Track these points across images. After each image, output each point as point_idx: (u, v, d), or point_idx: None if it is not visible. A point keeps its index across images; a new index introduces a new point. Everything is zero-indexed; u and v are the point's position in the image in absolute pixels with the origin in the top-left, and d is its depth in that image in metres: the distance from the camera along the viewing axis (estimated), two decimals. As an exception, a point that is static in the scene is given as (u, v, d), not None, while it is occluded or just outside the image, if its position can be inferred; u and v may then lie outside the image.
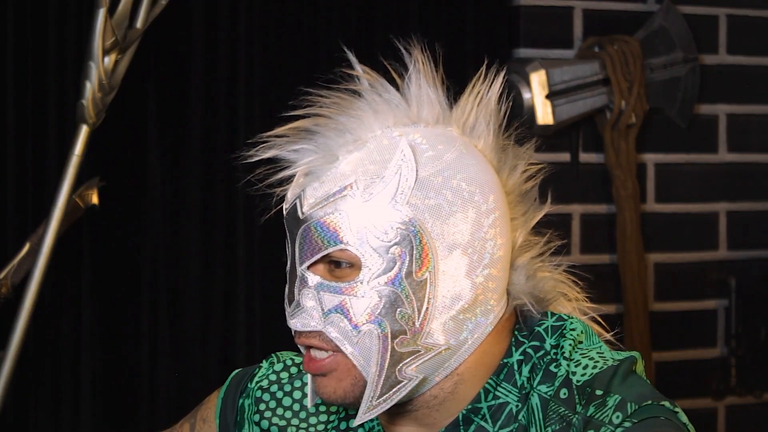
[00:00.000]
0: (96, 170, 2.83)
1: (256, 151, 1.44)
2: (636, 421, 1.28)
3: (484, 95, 1.40)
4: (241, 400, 1.53)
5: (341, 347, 1.33)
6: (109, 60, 2.54)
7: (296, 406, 1.51)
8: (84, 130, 2.60)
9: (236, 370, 1.57)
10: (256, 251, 3.23)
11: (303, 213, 1.37)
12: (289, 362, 1.54)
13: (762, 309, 3.70)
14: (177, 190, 3.17)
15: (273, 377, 1.53)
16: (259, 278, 3.23)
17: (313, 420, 1.50)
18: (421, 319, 1.33)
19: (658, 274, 3.63)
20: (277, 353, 1.56)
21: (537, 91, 3.36)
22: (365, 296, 1.33)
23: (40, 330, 2.96)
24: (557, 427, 1.33)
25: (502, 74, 1.42)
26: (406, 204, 1.33)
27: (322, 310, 1.34)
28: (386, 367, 1.33)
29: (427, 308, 1.33)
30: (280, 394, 1.51)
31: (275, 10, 3.24)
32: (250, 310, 3.22)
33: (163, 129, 3.15)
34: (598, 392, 1.32)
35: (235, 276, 3.21)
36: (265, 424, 1.50)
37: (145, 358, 3.13)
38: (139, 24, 2.60)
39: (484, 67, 1.42)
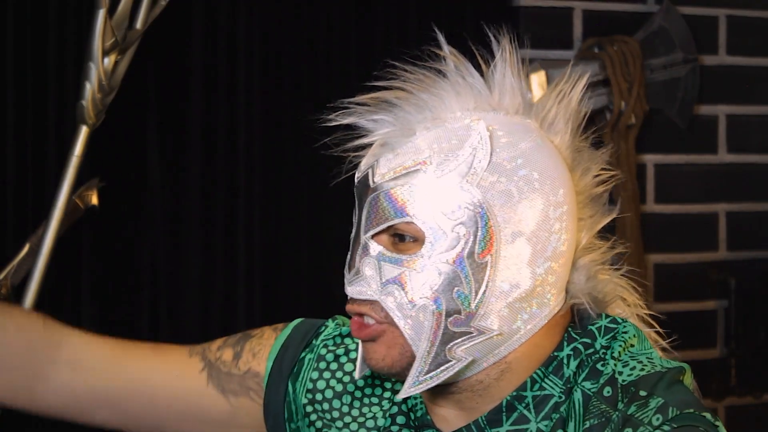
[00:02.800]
0: (96, 171, 2.83)
1: (336, 116, 1.40)
2: (675, 426, 1.28)
3: (567, 94, 1.41)
4: (303, 353, 1.53)
5: (395, 318, 1.34)
6: (108, 61, 2.54)
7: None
8: (84, 131, 2.60)
9: (299, 319, 1.57)
10: (256, 251, 3.23)
11: (374, 182, 1.37)
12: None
13: (762, 309, 3.70)
14: (177, 190, 3.17)
15: (339, 340, 1.53)
16: (259, 278, 3.23)
17: (368, 391, 1.50)
18: (477, 301, 1.34)
19: (658, 275, 3.63)
20: (340, 316, 1.56)
21: (537, 91, 3.36)
22: (424, 271, 1.34)
23: (40, 330, 2.95)
24: (596, 422, 1.33)
25: (586, 76, 1.43)
26: (476, 185, 1.34)
27: (381, 279, 1.35)
28: (437, 344, 1.34)
29: (484, 291, 1.34)
30: (344, 359, 1.51)
31: (275, 10, 3.24)
32: (250, 310, 3.22)
33: (163, 129, 3.15)
34: (642, 393, 1.32)
35: (235, 276, 3.21)
36: (321, 384, 1.51)
37: (145, 358, 3.13)
38: (138, 25, 2.60)
39: (569, 66, 1.44)
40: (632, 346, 1.39)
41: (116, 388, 1.54)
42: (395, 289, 1.34)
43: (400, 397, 1.37)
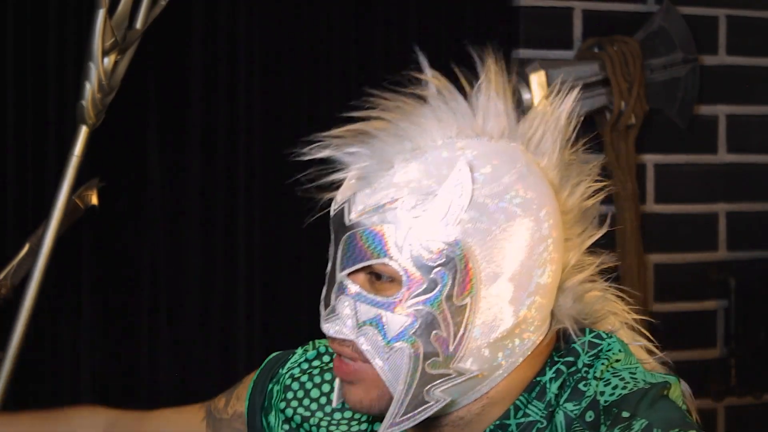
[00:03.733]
0: (96, 171, 2.83)
1: (310, 150, 1.36)
2: (665, 421, 1.25)
3: (555, 110, 1.36)
4: (270, 385, 1.53)
5: (371, 360, 1.31)
6: (108, 61, 2.54)
7: (323, 400, 1.50)
8: (84, 131, 2.60)
9: (274, 353, 1.57)
10: (256, 251, 3.23)
11: (350, 219, 1.32)
12: (323, 350, 1.53)
13: (762, 309, 3.70)
14: (177, 190, 3.17)
15: (305, 366, 1.52)
16: (259, 278, 3.23)
17: (337, 416, 1.49)
18: (456, 343, 1.30)
19: (658, 275, 3.63)
20: (315, 340, 1.55)
21: (537, 92, 3.36)
22: (402, 314, 1.30)
23: (40, 330, 2.96)
24: (582, 424, 1.30)
25: (575, 91, 1.38)
26: (456, 225, 1.29)
27: (357, 320, 1.31)
28: (414, 386, 1.30)
29: (463, 334, 1.30)
30: (309, 385, 1.50)
31: (275, 10, 3.24)
32: (250, 310, 3.22)
33: (163, 129, 3.15)
34: (625, 414, 1.28)
35: (235, 276, 3.21)
36: (289, 412, 1.50)
37: (145, 358, 3.13)
38: (138, 24, 2.60)
39: (558, 82, 1.38)
40: (617, 361, 1.35)
41: None
42: (371, 330, 1.30)
43: None
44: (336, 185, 1.37)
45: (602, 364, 1.33)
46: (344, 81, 3.26)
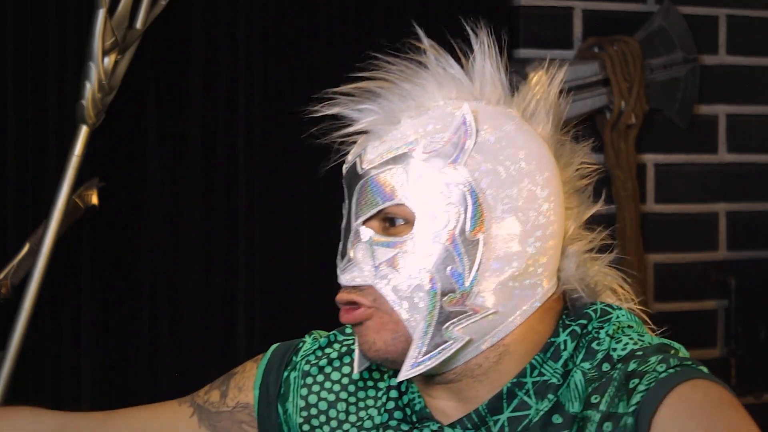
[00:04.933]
0: (96, 170, 2.83)
1: (321, 107, 1.44)
2: (680, 369, 1.31)
3: (545, 86, 1.44)
4: (286, 373, 1.53)
5: (390, 303, 1.35)
6: (108, 60, 2.54)
7: (345, 380, 1.51)
8: (84, 131, 2.60)
9: (276, 344, 1.58)
10: (256, 251, 3.23)
11: (362, 169, 1.39)
12: (332, 338, 1.55)
13: (762, 309, 3.70)
14: (177, 190, 3.17)
15: (319, 353, 1.54)
16: (259, 278, 3.23)
17: (362, 394, 1.50)
18: (471, 279, 1.35)
19: (658, 275, 3.63)
20: (317, 331, 1.57)
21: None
22: (417, 252, 1.35)
23: (40, 330, 2.96)
24: (597, 385, 1.35)
25: (563, 69, 1.46)
26: (464, 165, 1.36)
27: (374, 264, 1.36)
28: (433, 324, 1.35)
29: (477, 269, 1.35)
30: (328, 369, 1.52)
31: (275, 9, 3.24)
32: (250, 310, 3.22)
33: (163, 129, 3.15)
34: (639, 353, 1.35)
35: (235, 276, 3.21)
36: (313, 398, 1.51)
37: (145, 358, 3.13)
38: (138, 24, 2.60)
39: (547, 60, 1.47)
40: (629, 327, 1.41)
41: None
42: (389, 271, 1.36)
43: (399, 378, 1.37)
44: (345, 141, 1.43)
45: (613, 326, 1.39)
46: (344, 81, 3.26)
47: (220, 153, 3.19)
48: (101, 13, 2.50)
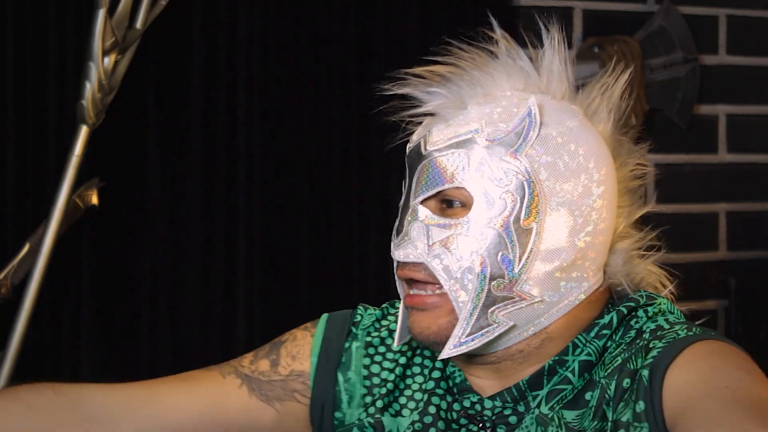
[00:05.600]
0: (96, 170, 2.83)
1: (392, 86, 1.47)
2: (700, 333, 1.38)
3: (610, 86, 1.48)
4: (347, 344, 1.55)
5: (440, 280, 1.39)
6: (108, 60, 2.54)
7: (404, 348, 1.54)
8: (84, 131, 2.60)
9: (325, 314, 1.59)
10: (256, 251, 3.23)
11: (426, 150, 1.43)
12: (385, 311, 1.58)
13: (762, 309, 3.70)
14: (177, 190, 3.17)
15: (378, 325, 1.56)
16: (259, 278, 3.23)
17: (416, 361, 1.53)
18: (520, 266, 1.39)
19: (658, 275, 3.63)
20: (362, 304, 1.60)
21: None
22: (471, 234, 1.39)
23: (40, 330, 2.96)
24: (625, 355, 1.40)
25: (628, 71, 1.50)
26: (525, 156, 1.40)
27: (428, 243, 1.40)
28: (480, 307, 1.39)
29: (527, 257, 1.39)
30: (389, 340, 1.55)
31: (275, 10, 3.24)
32: (250, 310, 3.22)
33: (163, 129, 3.15)
34: (667, 326, 1.41)
35: (235, 276, 3.21)
36: (375, 368, 1.53)
37: (145, 358, 3.13)
38: (138, 24, 2.60)
39: (613, 61, 1.52)
40: (671, 313, 1.46)
41: (158, 427, 1.58)
42: (442, 251, 1.39)
43: (441, 357, 1.40)
44: (413, 121, 1.47)
45: (654, 309, 1.45)
46: (344, 82, 3.26)
47: (220, 153, 3.19)
48: (101, 13, 2.50)
